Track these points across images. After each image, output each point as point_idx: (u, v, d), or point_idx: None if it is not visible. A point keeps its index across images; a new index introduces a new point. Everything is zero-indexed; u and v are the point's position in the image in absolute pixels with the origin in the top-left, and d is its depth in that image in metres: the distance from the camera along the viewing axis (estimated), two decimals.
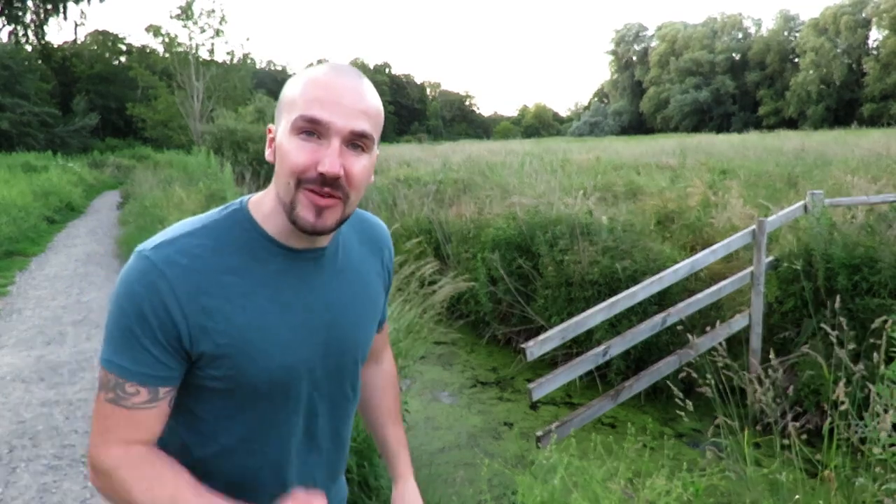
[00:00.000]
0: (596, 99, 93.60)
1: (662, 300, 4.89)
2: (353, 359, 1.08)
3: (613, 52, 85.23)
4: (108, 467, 0.92)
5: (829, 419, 2.47)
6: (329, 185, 0.89)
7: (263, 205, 0.98)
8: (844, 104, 57.43)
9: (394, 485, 1.27)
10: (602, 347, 3.89)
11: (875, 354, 2.53)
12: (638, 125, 74.39)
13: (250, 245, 0.96)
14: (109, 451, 0.92)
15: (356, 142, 0.91)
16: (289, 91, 0.94)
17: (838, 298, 3.33)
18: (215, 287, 0.92)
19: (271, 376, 0.96)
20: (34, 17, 41.98)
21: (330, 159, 0.88)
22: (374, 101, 0.94)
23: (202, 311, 0.91)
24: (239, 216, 0.98)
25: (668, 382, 3.27)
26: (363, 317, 1.09)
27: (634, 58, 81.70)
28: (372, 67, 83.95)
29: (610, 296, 4.32)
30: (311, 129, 0.89)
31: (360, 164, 0.92)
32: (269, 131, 0.99)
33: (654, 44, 78.01)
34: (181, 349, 0.92)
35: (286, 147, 0.91)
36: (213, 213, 0.99)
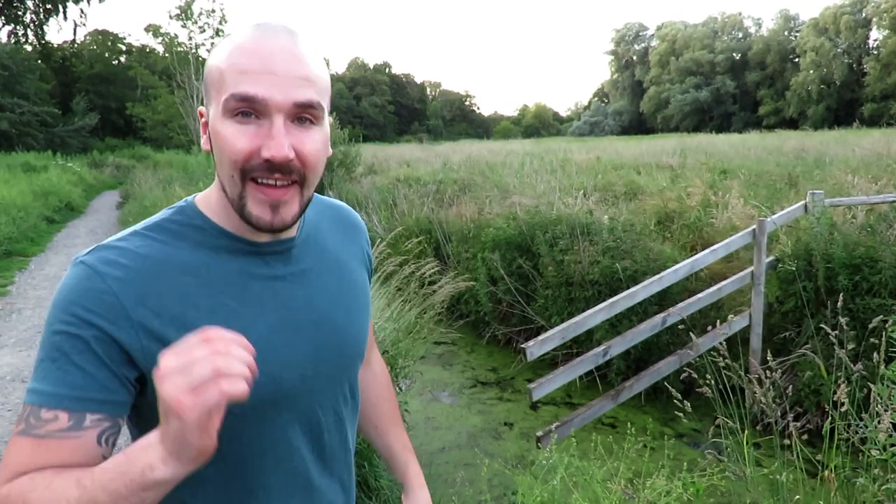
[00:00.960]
0: (596, 99, 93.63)
1: (662, 300, 4.89)
2: (352, 357, 0.95)
3: (613, 52, 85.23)
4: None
5: (829, 419, 2.46)
6: (279, 171, 0.76)
7: (211, 200, 0.85)
8: (845, 104, 57.44)
9: (406, 494, 1.13)
10: (602, 347, 3.89)
11: (875, 354, 2.53)
12: (638, 125, 74.40)
13: (207, 242, 0.82)
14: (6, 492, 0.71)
15: (303, 115, 0.77)
16: (213, 64, 0.79)
17: (840, 298, 3.32)
18: (170, 289, 0.77)
19: (257, 392, 0.71)
20: (34, 17, 41.99)
21: (275, 142, 0.74)
22: (315, 62, 0.79)
23: (155, 316, 0.76)
24: (189, 212, 0.84)
25: (668, 383, 3.27)
26: (354, 309, 0.95)
27: (634, 58, 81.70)
28: (372, 67, 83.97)
29: (610, 296, 4.32)
30: (247, 108, 0.75)
31: (311, 140, 0.78)
32: (201, 115, 0.83)
33: (654, 44, 78.02)
34: (128, 366, 0.75)
35: (222, 134, 0.76)
36: (157, 214, 0.86)
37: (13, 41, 39.34)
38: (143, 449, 0.66)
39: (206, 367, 0.61)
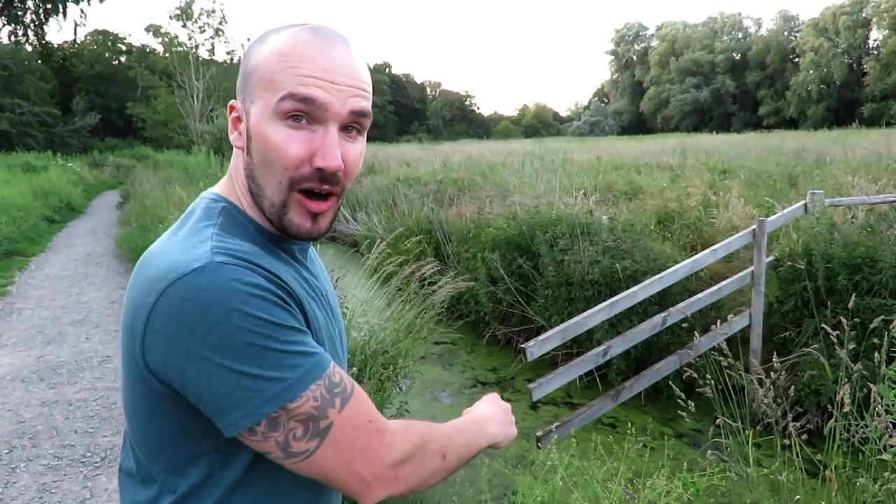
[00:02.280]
0: (596, 99, 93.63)
1: (663, 300, 4.89)
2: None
3: (613, 52, 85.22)
4: (407, 449, 0.75)
5: (829, 419, 2.46)
6: (328, 182, 0.76)
7: (241, 199, 0.82)
8: (845, 104, 57.45)
9: None
10: (602, 347, 3.88)
11: (875, 354, 2.52)
12: (638, 125, 74.39)
13: (264, 243, 0.80)
14: (394, 438, 0.75)
15: (353, 124, 0.77)
16: (261, 61, 0.76)
17: (852, 298, 3.32)
18: (284, 285, 0.75)
19: None
20: (34, 17, 41.97)
21: (331, 151, 0.73)
22: (366, 72, 0.80)
23: (301, 307, 0.76)
24: (234, 212, 0.81)
25: (668, 382, 3.27)
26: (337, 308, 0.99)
27: (634, 58, 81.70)
28: (372, 67, 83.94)
29: (610, 296, 4.31)
30: (303, 111, 0.73)
31: (356, 151, 0.78)
32: (233, 109, 0.81)
33: (654, 44, 78.02)
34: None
35: (272, 137, 0.74)
36: (200, 217, 0.79)
37: (13, 41, 39.33)
38: (484, 419, 0.95)
39: (512, 417, 1.03)
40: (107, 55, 49.71)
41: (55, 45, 46.77)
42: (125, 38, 51.13)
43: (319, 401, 0.69)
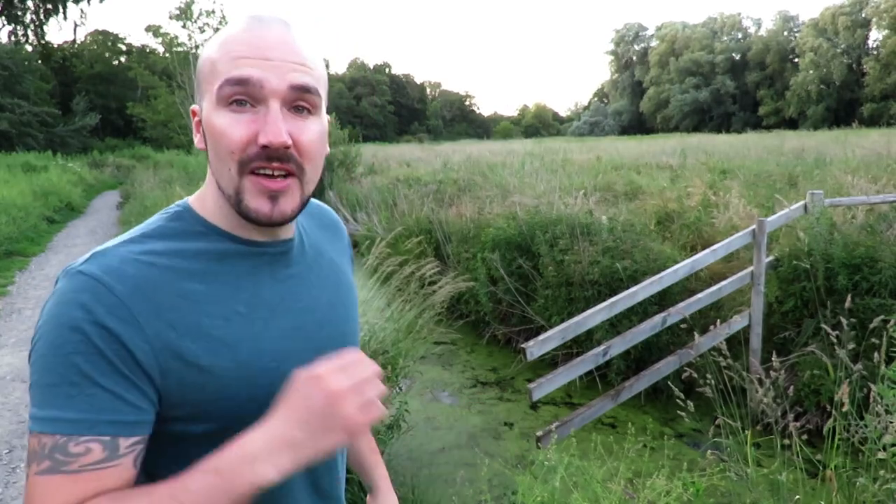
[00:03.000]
0: (596, 99, 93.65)
1: (662, 300, 4.89)
2: None
3: (613, 52, 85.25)
4: None
5: (829, 419, 2.46)
6: (278, 159, 0.72)
7: (207, 201, 0.80)
8: (845, 104, 57.46)
9: (372, 495, 1.11)
10: (602, 347, 3.89)
11: (875, 354, 2.53)
12: (638, 125, 74.41)
13: (210, 248, 0.77)
14: None
15: (299, 102, 0.74)
16: (205, 56, 0.76)
17: (850, 297, 3.32)
18: (179, 298, 0.71)
19: (270, 400, 0.70)
20: (34, 17, 42.01)
21: (271, 127, 0.71)
22: (310, 51, 0.76)
23: (171, 329, 0.70)
24: (187, 217, 0.79)
25: (668, 382, 3.27)
26: (349, 308, 0.93)
27: (634, 58, 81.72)
28: (372, 67, 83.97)
29: (610, 296, 4.31)
30: (241, 94, 0.71)
31: (309, 130, 0.75)
32: (194, 114, 0.80)
33: (653, 44, 78.05)
34: (148, 382, 0.69)
35: (217, 124, 0.73)
36: (153, 219, 0.80)
37: (13, 41, 39.33)
38: (241, 459, 0.64)
39: (374, 389, 0.68)
40: (107, 55, 49.73)
41: (55, 45, 46.82)
42: (125, 39, 51.20)
43: (35, 450, 0.66)
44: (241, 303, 0.76)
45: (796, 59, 62.54)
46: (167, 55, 32.84)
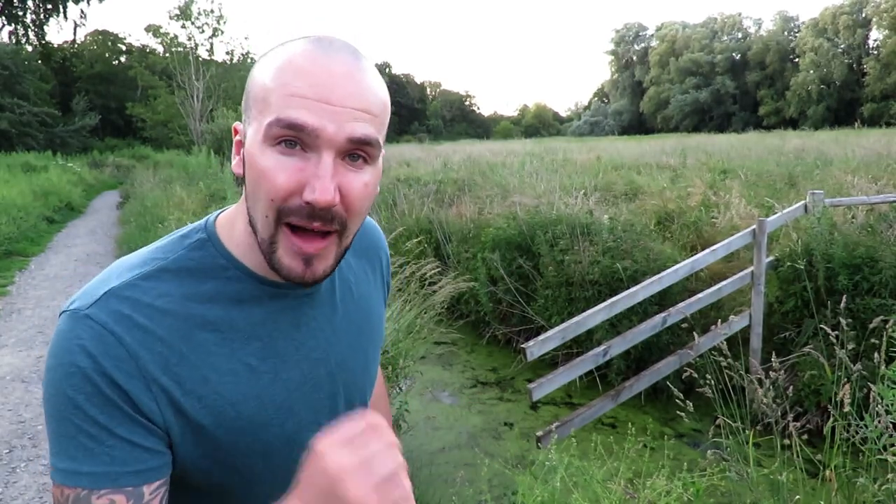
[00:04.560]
0: (596, 99, 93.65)
1: (663, 300, 4.89)
2: (361, 405, 0.85)
3: (613, 52, 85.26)
4: None
5: (829, 419, 2.46)
6: (320, 218, 0.65)
7: (235, 231, 0.73)
8: (845, 104, 57.46)
9: None
10: (602, 347, 3.89)
11: (875, 354, 2.52)
12: (638, 125, 74.42)
13: (230, 288, 0.71)
14: None
15: (356, 151, 0.66)
16: (258, 79, 0.67)
17: (844, 298, 3.32)
18: (191, 351, 0.67)
19: (271, 457, 0.71)
20: (34, 17, 42.00)
21: (321, 183, 0.63)
22: (378, 90, 0.68)
23: (177, 386, 0.66)
24: (209, 249, 0.72)
25: (668, 382, 3.27)
26: (370, 354, 0.86)
27: (634, 58, 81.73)
28: None
29: (610, 296, 4.32)
30: (293, 137, 0.64)
31: (360, 182, 0.67)
32: (236, 132, 0.72)
33: (653, 44, 78.06)
34: (158, 430, 0.66)
35: (260, 163, 0.65)
36: (172, 243, 0.73)
37: (13, 41, 39.34)
38: None
39: (389, 463, 0.56)
40: (107, 55, 49.71)
41: (55, 45, 46.78)
42: (125, 38, 51.16)
43: (58, 502, 0.64)
44: (252, 354, 0.71)
45: (796, 59, 62.54)
46: (167, 55, 32.86)
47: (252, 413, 0.70)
